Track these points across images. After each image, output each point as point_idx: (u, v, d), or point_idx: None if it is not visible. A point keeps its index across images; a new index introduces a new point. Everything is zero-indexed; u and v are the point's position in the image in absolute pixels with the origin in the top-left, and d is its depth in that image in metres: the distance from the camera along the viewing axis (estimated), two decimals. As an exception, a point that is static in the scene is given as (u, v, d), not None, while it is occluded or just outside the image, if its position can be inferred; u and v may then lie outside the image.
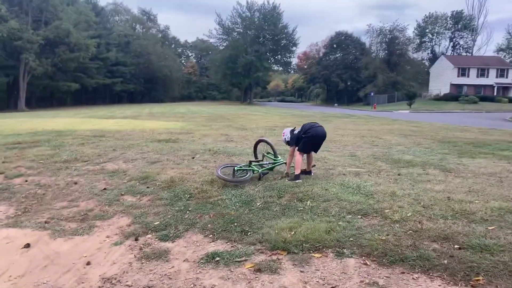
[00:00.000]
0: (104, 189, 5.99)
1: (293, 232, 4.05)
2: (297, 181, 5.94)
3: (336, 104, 72.16)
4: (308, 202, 4.97)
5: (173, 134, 12.31)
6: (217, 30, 69.91)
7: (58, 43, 52.04)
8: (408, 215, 4.34)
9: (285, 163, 6.53)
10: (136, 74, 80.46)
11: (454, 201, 4.84)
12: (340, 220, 4.31)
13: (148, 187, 6.03)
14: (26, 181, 6.57)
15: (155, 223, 4.66)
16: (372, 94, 55.19)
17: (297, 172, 6.06)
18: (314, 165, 6.69)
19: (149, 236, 4.38)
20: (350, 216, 4.44)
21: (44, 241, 4.28)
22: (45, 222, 4.87)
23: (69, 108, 51.89)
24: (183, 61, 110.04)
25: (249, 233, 4.21)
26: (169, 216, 4.85)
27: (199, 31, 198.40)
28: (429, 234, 3.84)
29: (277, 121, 20.26)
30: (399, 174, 6.46)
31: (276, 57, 69.62)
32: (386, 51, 66.28)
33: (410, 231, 3.94)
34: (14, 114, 31.15)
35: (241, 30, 66.86)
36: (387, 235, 3.87)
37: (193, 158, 8.04)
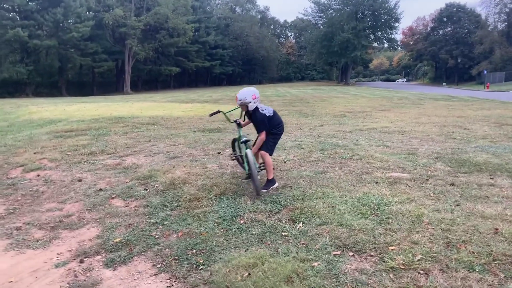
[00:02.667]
0: (100, 189, 5.52)
1: (247, 274, 3.08)
2: (274, 186, 5.02)
3: (444, 84, 65.99)
4: (300, 224, 3.90)
5: (227, 122, 11.64)
6: (312, 8, 67.71)
7: (158, 28, 54.82)
8: (416, 259, 3.06)
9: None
10: (234, 56, 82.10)
11: (503, 237, 3.38)
12: (320, 259, 3.20)
13: (145, 189, 5.43)
14: (38, 175, 6.41)
15: (116, 240, 4.01)
16: (485, 72, 48.96)
17: (271, 175, 5.06)
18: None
19: (98, 257, 3.75)
20: (337, 252, 3.30)
21: (-12, 256, 3.88)
22: (17, 229, 4.53)
23: (169, 91, 54.71)
24: (283, 41, 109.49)
25: (200, 267, 3.33)
26: (136, 232, 4.17)
27: (301, 9, 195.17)
28: (431, 298, 2.59)
29: (359, 105, 18.57)
30: (451, 185, 4.97)
31: (376, 34, 65.27)
32: (506, 23, 58.13)
33: (406, 289, 2.71)
34: (113, 98, 33.36)
35: (338, 6, 63.67)
36: (369, 292, 2.70)
37: (219, 153, 7.30)
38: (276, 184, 5.08)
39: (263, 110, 5.12)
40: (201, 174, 5.84)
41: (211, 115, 5.94)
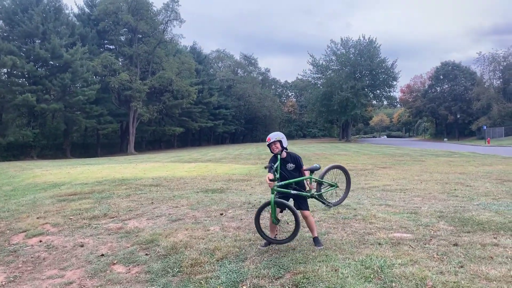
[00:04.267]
0: (102, 255, 5.49)
1: None
2: (321, 246, 5.07)
3: (445, 139, 66.61)
4: (302, 290, 3.85)
5: (230, 181, 11.74)
6: (311, 70, 69.95)
7: (162, 90, 56.46)
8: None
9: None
10: (237, 115, 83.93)
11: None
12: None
13: (146, 254, 5.40)
14: (40, 241, 6.39)
15: (116, 308, 3.94)
16: (485, 127, 49.58)
17: (316, 233, 5.25)
18: None
19: (98, 327, 3.67)
20: (341, 319, 3.24)
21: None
22: (15, 298, 4.47)
23: (173, 150, 55.26)
24: (284, 100, 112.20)
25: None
26: (137, 299, 4.11)
27: (300, 71, 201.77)
28: None
29: (360, 162, 18.67)
30: (454, 245, 4.93)
31: (375, 92, 66.84)
32: (501, 79, 59.69)
33: None
34: (117, 158, 33.68)
35: (336, 67, 65.80)
36: None
37: (222, 214, 7.29)
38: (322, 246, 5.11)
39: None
40: (203, 237, 5.82)
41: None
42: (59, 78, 44.47)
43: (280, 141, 5.26)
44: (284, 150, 5.33)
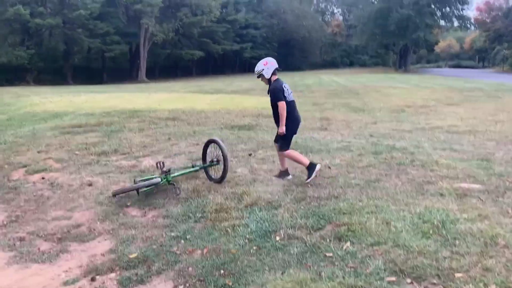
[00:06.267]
0: (114, 195, 5.73)
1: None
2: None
3: (529, 71, 63.94)
4: (347, 243, 3.95)
5: (260, 117, 11.84)
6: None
7: (179, 5, 55.59)
8: (490, 289, 3.07)
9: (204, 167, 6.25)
10: (268, 37, 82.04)
11: None
12: (371, 286, 3.25)
13: (164, 197, 5.62)
14: (43, 178, 6.72)
15: (132, 255, 4.19)
16: None
17: (307, 161, 5.85)
18: None
19: (112, 275, 3.92)
20: (392, 278, 3.33)
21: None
22: (20, 239, 4.78)
23: (191, 79, 55.47)
24: (328, 19, 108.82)
25: (229, 292, 3.45)
26: (154, 246, 4.33)
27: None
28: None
29: (421, 98, 18.31)
30: (534, 199, 4.89)
31: (443, 10, 63.89)
32: None
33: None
34: (126, 87, 34.22)
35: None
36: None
37: (250, 155, 7.44)
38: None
39: (285, 85, 5.80)
40: (229, 180, 5.98)
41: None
42: (55, -14, 44.38)
43: (261, 75, 5.75)
44: (273, 80, 5.80)
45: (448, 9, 63.54)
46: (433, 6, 61.89)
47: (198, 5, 56.14)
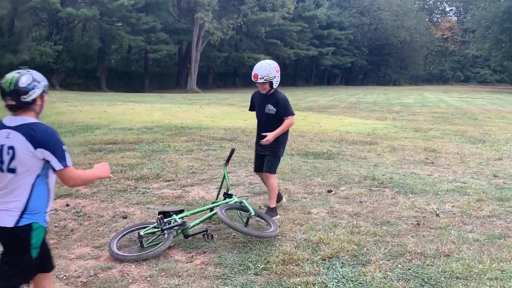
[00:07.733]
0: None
1: None
2: (277, 217, 6.10)
3: None
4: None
5: (342, 143, 11.78)
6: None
7: (243, -3, 56.45)
8: None
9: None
10: (357, 40, 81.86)
11: None
12: None
13: (216, 238, 5.65)
14: (67, 205, 6.93)
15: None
16: None
17: (275, 203, 6.28)
18: None
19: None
20: None
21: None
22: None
23: (253, 89, 56.07)
24: (437, 19, 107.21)
25: None
26: (203, 303, 4.32)
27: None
28: None
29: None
30: None
31: None
32: None
33: None
34: (172, 97, 35.10)
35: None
36: None
37: (330, 192, 7.40)
38: (278, 216, 6.07)
39: None
40: (302, 223, 5.98)
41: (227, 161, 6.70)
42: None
43: (271, 83, 6.10)
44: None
45: None
46: None
47: (267, -2, 56.93)
